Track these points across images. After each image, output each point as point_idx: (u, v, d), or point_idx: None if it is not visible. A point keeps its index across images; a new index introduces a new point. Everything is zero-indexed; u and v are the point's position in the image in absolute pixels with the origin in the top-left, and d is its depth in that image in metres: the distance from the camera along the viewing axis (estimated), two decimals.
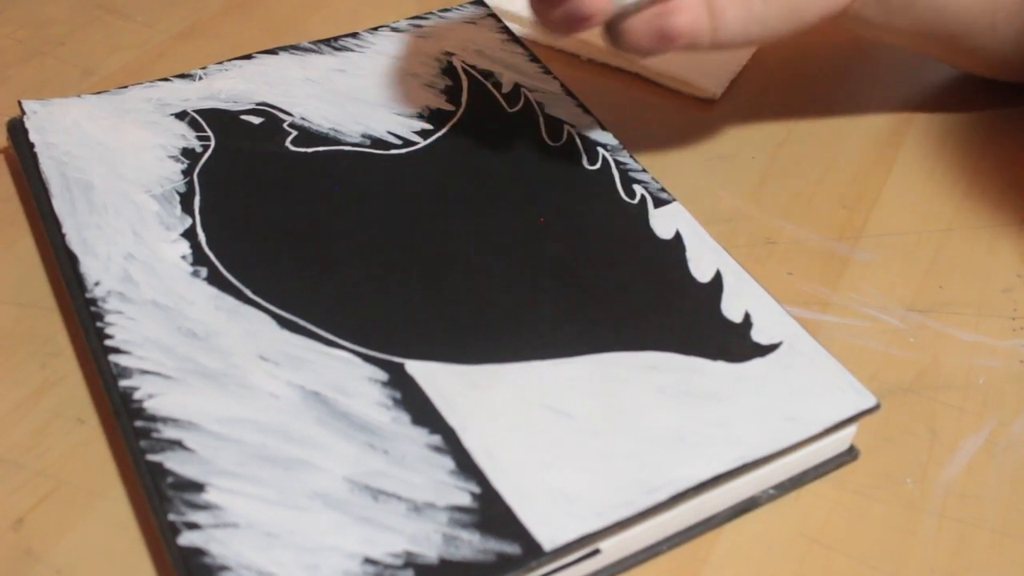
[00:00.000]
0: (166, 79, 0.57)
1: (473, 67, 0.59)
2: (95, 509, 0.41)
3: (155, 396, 0.41)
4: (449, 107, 0.56)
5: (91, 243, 0.47)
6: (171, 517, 0.38)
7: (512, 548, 0.37)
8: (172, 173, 0.51)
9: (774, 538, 0.42)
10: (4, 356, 0.46)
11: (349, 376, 0.43)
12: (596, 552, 0.39)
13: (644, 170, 0.52)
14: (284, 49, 0.59)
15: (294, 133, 0.54)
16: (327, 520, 0.38)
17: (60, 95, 0.56)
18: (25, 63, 0.62)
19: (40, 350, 0.47)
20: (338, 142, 0.54)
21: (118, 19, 0.66)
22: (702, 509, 0.41)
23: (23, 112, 0.54)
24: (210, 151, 0.53)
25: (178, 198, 0.50)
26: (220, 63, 0.58)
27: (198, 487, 0.39)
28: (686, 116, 0.60)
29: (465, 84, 0.58)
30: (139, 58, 0.63)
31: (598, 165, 0.53)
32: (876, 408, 0.42)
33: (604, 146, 0.54)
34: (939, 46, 0.56)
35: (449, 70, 0.58)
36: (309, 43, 0.60)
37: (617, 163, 0.53)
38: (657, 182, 0.52)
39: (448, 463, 0.40)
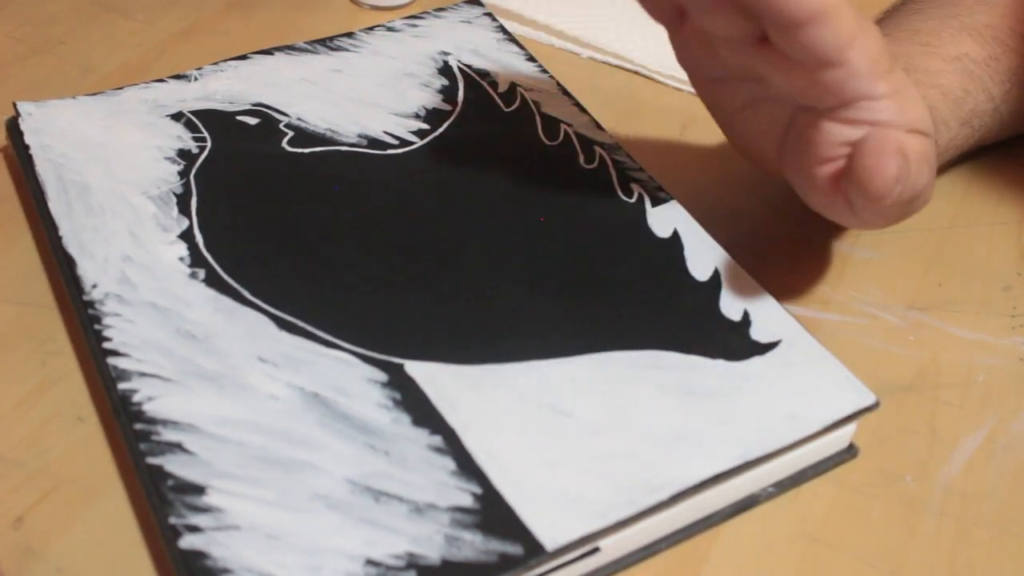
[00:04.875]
0: (162, 80, 0.57)
1: (469, 67, 0.59)
2: (95, 507, 0.41)
3: (154, 399, 0.41)
4: (446, 107, 0.56)
5: (88, 245, 0.47)
6: (172, 520, 0.37)
7: (514, 548, 0.37)
8: (168, 175, 0.51)
9: (773, 536, 0.42)
10: (4, 354, 0.46)
11: (349, 377, 0.43)
12: (596, 550, 0.39)
13: (641, 169, 0.52)
14: (279, 49, 0.59)
15: (290, 134, 0.54)
16: (329, 522, 0.38)
17: (60, 94, 0.56)
18: (25, 61, 0.62)
19: (40, 348, 0.47)
20: (335, 142, 0.53)
21: (118, 17, 0.66)
22: (702, 507, 0.41)
23: (18, 114, 0.54)
24: (206, 152, 0.52)
25: (175, 200, 0.50)
26: (215, 64, 0.58)
27: (199, 490, 0.38)
28: (684, 114, 0.60)
29: (461, 84, 0.58)
30: (139, 57, 0.63)
31: (595, 164, 0.53)
32: (876, 406, 0.42)
33: (601, 145, 0.54)
34: None
35: (445, 70, 0.58)
36: (304, 43, 0.60)
37: (614, 162, 0.53)
38: (655, 181, 0.52)
39: (449, 464, 0.40)
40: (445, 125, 0.55)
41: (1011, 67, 0.53)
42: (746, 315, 0.46)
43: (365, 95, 0.57)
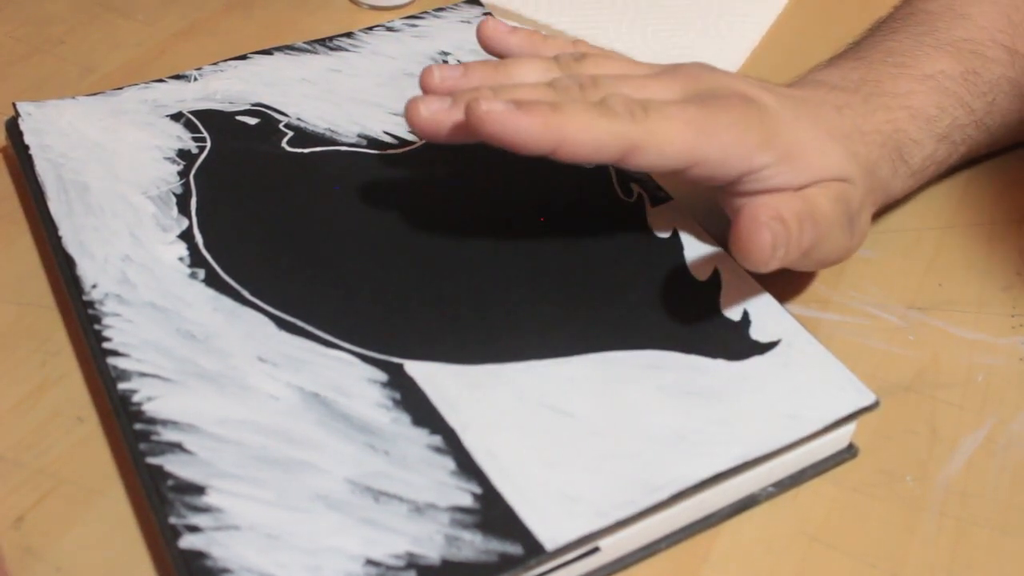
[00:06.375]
0: (161, 80, 0.57)
1: None
2: (95, 507, 0.41)
3: (154, 399, 0.41)
4: None
5: (88, 245, 0.47)
6: (172, 520, 0.37)
7: (514, 548, 0.37)
8: (168, 175, 0.51)
9: (773, 536, 0.42)
10: (4, 354, 0.46)
11: (348, 377, 0.43)
12: (596, 550, 0.39)
13: None
14: (279, 49, 0.59)
15: (290, 134, 0.54)
16: (328, 522, 0.38)
17: (60, 94, 0.56)
18: (25, 61, 0.62)
19: (40, 348, 0.47)
20: (334, 142, 0.53)
21: (118, 17, 0.66)
22: (702, 507, 0.41)
23: (18, 114, 0.54)
24: (206, 152, 0.52)
25: (174, 199, 0.50)
26: (215, 64, 0.58)
27: (199, 490, 0.38)
28: None
29: None
30: (139, 56, 0.63)
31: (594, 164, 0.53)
32: (876, 406, 0.42)
33: None
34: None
35: None
36: (304, 43, 0.60)
37: None
38: (654, 180, 0.52)
39: (449, 464, 0.40)
40: None
41: (992, 79, 0.53)
42: (746, 315, 0.46)
43: (365, 95, 0.56)
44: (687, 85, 0.45)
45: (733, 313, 0.46)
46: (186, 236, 0.48)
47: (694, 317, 0.46)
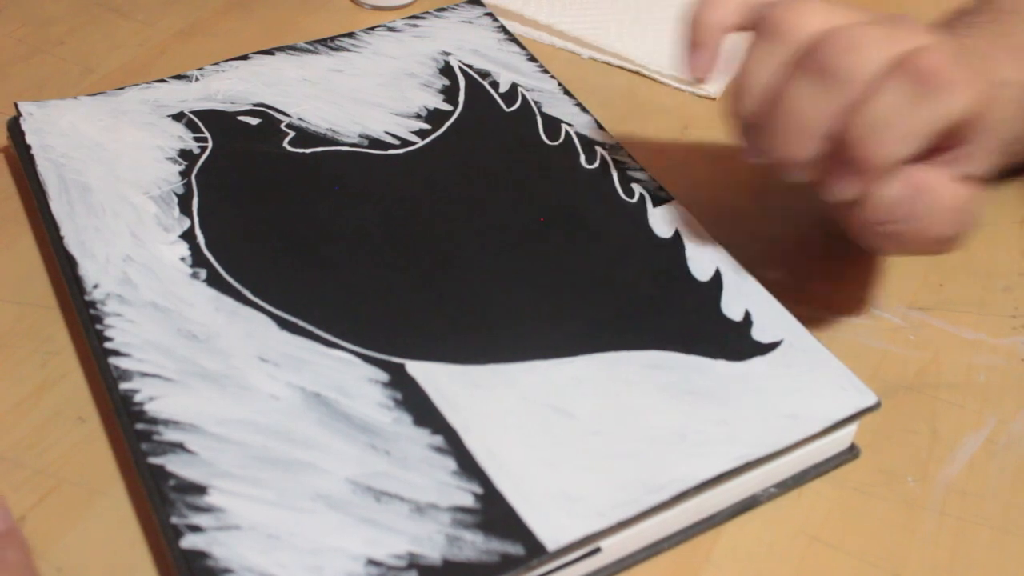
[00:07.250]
0: (163, 80, 0.57)
1: (470, 67, 0.59)
2: (96, 507, 0.41)
3: (156, 399, 0.41)
4: (447, 107, 0.56)
5: (89, 245, 0.47)
6: (173, 520, 0.37)
7: (515, 548, 0.37)
8: (170, 175, 0.51)
9: (775, 536, 0.42)
10: (5, 354, 0.46)
11: (350, 377, 0.43)
12: (597, 551, 0.39)
13: (642, 169, 0.52)
14: (281, 49, 0.59)
15: (292, 134, 0.54)
16: (330, 522, 0.38)
17: (60, 94, 0.56)
18: (25, 61, 0.62)
19: (41, 348, 0.47)
20: (336, 143, 0.53)
21: (118, 17, 0.66)
22: (703, 507, 0.41)
23: (19, 114, 0.54)
24: (208, 152, 0.52)
25: (176, 200, 0.50)
26: (217, 64, 0.58)
27: (200, 489, 0.38)
28: (685, 115, 0.60)
29: (462, 84, 0.58)
30: (139, 57, 0.63)
31: (596, 164, 0.53)
32: (877, 406, 0.42)
33: (602, 145, 0.54)
34: None
35: (446, 70, 0.58)
36: (306, 43, 0.60)
37: (615, 162, 0.53)
38: (655, 181, 0.52)
39: (450, 464, 0.40)
40: (446, 125, 0.55)
41: None
42: (747, 315, 0.46)
43: (366, 95, 0.57)
44: (917, 30, 0.42)
45: (734, 313, 0.46)
46: (188, 236, 0.48)
47: (695, 317, 0.46)
